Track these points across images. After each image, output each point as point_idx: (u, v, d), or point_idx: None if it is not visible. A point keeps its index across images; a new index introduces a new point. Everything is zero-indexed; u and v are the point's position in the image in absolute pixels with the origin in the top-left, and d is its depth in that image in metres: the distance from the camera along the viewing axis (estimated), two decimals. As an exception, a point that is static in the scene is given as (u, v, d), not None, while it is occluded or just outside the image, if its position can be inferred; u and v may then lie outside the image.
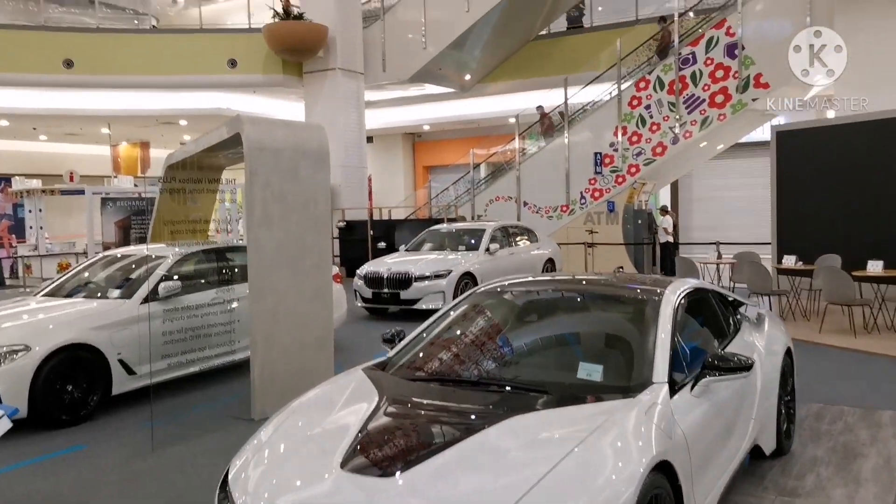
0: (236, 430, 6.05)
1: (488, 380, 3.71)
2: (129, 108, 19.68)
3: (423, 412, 3.44)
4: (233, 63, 18.38)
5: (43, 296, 7.69)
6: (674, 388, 3.34)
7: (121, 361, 6.69)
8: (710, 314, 4.46)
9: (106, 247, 16.80)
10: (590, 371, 3.51)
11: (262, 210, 6.44)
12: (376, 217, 18.17)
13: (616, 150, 16.15)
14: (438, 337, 4.28)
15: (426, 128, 24.12)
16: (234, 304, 7.39)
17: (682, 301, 3.99)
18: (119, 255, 8.25)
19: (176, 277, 7.34)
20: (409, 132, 25.23)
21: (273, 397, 6.49)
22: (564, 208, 16.78)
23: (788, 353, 5.00)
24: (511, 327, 4.41)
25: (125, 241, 16.57)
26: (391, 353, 4.25)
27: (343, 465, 2.91)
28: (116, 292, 7.24)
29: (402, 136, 25.26)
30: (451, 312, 4.46)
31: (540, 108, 18.16)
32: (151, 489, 4.84)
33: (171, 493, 4.76)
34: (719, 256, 13.26)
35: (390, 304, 11.49)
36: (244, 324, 7.27)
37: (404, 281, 11.25)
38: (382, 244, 16.45)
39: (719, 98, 14.93)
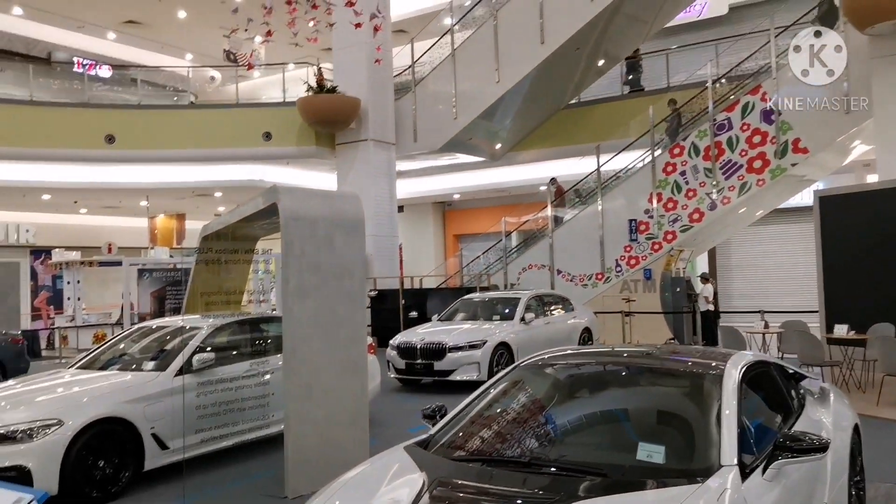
0: (267, 510, 5.83)
1: (539, 461, 3.48)
2: (167, 180, 20.08)
3: (471, 496, 3.21)
4: (267, 136, 18.75)
5: (77, 368, 7.63)
6: (744, 471, 3.09)
7: (154, 436, 6.54)
8: (773, 389, 4.20)
9: (142, 317, 16.90)
10: (650, 452, 3.27)
11: (298, 280, 6.35)
12: (407, 286, 18.07)
13: (651, 216, 15.98)
14: (482, 414, 4.07)
15: (456, 196, 24.23)
16: (268, 377, 7.27)
17: (745, 375, 3.75)
18: (154, 327, 8.20)
19: (210, 349, 7.24)
20: (440, 201, 25.36)
21: (307, 474, 6.27)
22: (600, 276, 16.54)
23: (856, 429, 4.69)
24: (558, 403, 4.19)
25: (160, 311, 16.65)
26: (433, 430, 4.04)
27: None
28: (151, 364, 7.15)
29: (432, 205, 25.38)
30: (494, 388, 4.26)
31: (553, 180, 18.29)
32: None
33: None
34: (766, 326, 12.86)
35: (424, 375, 11.25)
36: (278, 397, 7.12)
37: (438, 351, 11.03)
38: (414, 313, 16.27)
39: (757, 163, 14.77)
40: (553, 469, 3.34)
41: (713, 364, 3.85)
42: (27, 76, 20.28)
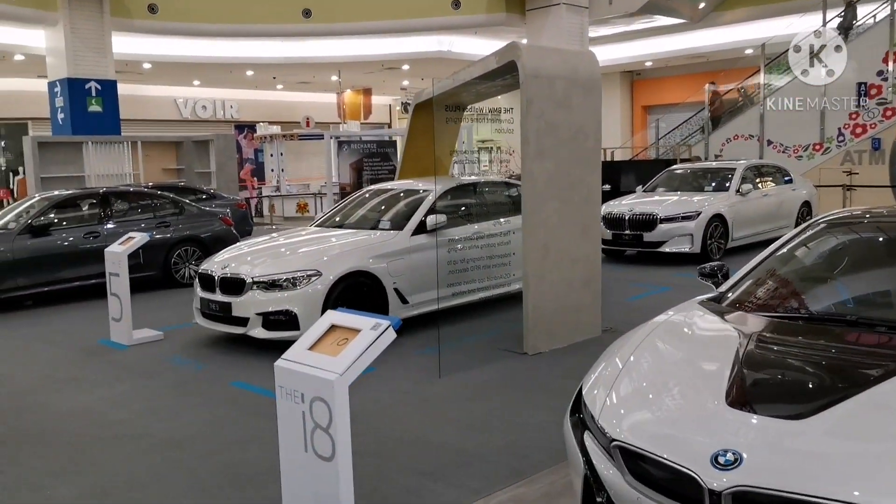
0: (512, 363, 6.04)
1: (867, 319, 3.22)
2: (358, 54, 20.45)
3: (799, 351, 3.05)
4: (456, 4, 18.36)
5: (316, 226, 8.14)
6: None
7: (396, 290, 6.90)
8: None
9: (342, 187, 17.79)
10: None
11: (537, 141, 6.24)
12: (598, 159, 17.51)
13: (885, 79, 14.17)
14: (777, 271, 3.82)
15: (648, 64, 22.81)
16: (493, 238, 7.35)
17: None
18: (385, 189, 8.50)
19: (442, 211, 7.41)
20: (628, 70, 24.02)
21: (543, 333, 6.41)
22: (817, 147, 15.11)
23: None
24: (869, 262, 3.83)
25: (359, 181, 17.37)
26: (724, 287, 3.85)
27: (730, 402, 2.62)
28: (387, 224, 7.46)
29: (619, 75, 24.13)
30: (790, 244, 3.96)
31: (713, 84, 16.73)
32: (450, 413, 4.90)
33: (469, 418, 4.78)
34: None
35: (631, 246, 11.01)
36: (497, 259, 7.23)
37: (648, 222, 10.70)
38: (607, 186, 15.79)
39: None
40: (884, 327, 3.08)
41: None
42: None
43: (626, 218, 10.87)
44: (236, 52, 19.70)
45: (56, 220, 9.44)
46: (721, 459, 2.36)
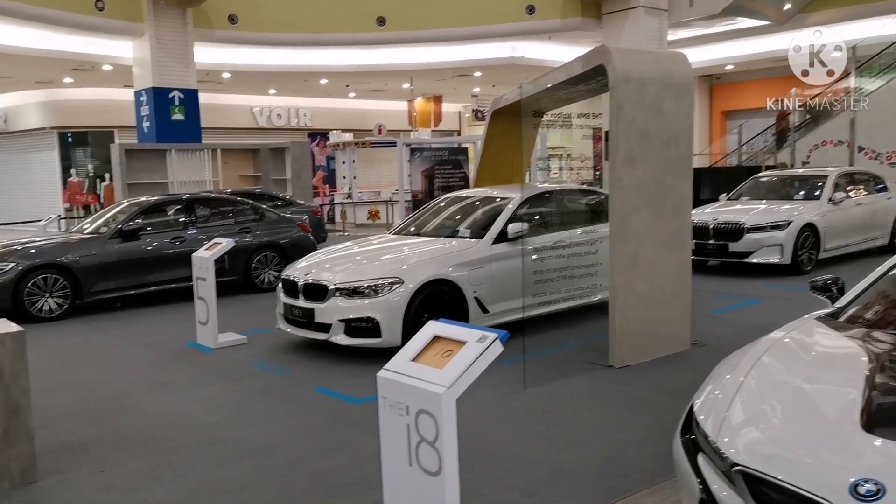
0: (599, 376, 5.87)
1: None
2: (430, 61, 20.50)
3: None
4: (531, 9, 18.20)
5: (393, 234, 8.13)
6: None
7: (476, 299, 6.81)
8: None
9: (414, 194, 17.82)
10: None
11: (627, 148, 6.05)
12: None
13: None
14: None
15: (729, 67, 22.12)
16: (578, 248, 7.18)
17: None
18: (462, 197, 8.43)
19: (522, 219, 7.29)
20: (707, 74, 23.36)
21: (630, 346, 6.20)
22: (913, 153, 14.36)
23: None
24: None
25: (430, 189, 17.36)
26: (842, 302, 3.62)
27: (865, 426, 2.42)
28: (467, 232, 7.38)
29: (697, 79, 23.48)
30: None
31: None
32: (539, 427, 4.76)
33: (559, 433, 4.64)
34: None
35: (715, 256, 10.64)
36: (582, 268, 7.06)
37: (735, 232, 10.32)
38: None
39: None
40: None
41: None
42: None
43: (711, 227, 10.51)
44: (312, 60, 20.02)
45: (144, 226, 9.72)
46: (861, 489, 2.18)
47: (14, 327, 4.09)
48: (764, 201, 11.22)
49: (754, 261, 10.21)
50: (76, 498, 3.93)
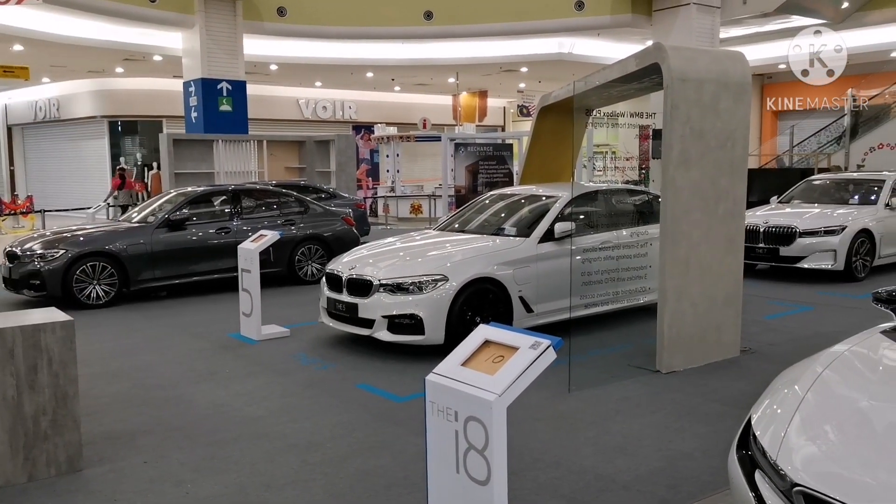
0: (646, 381, 5.74)
1: None
2: (476, 55, 20.40)
3: None
4: (580, 5, 17.97)
5: (438, 230, 8.07)
6: None
7: (521, 298, 6.72)
8: None
9: (457, 189, 17.76)
10: None
11: (681, 148, 5.89)
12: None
13: None
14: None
15: (781, 67, 21.55)
16: (627, 249, 7.03)
17: None
18: (507, 194, 8.33)
19: (569, 218, 7.17)
20: (758, 73, 22.79)
21: (679, 351, 6.06)
22: (976, 158, 13.80)
23: None
24: None
25: (474, 184, 17.28)
26: (912, 315, 3.44)
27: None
28: (513, 230, 7.28)
29: (748, 78, 22.97)
30: None
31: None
32: (586, 433, 4.66)
33: (607, 439, 4.53)
34: None
35: (765, 260, 10.36)
36: (631, 270, 6.91)
37: (787, 236, 10.03)
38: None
39: None
40: None
41: None
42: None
43: (761, 230, 10.23)
44: (358, 53, 20.08)
45: (190, 216, 9.83)
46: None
47: (63, 316, 4.14)
48: (817, 205, 10.89)
49: (806, 266, 9.92)
50: (121, 488, 3.96)
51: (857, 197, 10.90)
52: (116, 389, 5.70)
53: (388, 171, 23.01)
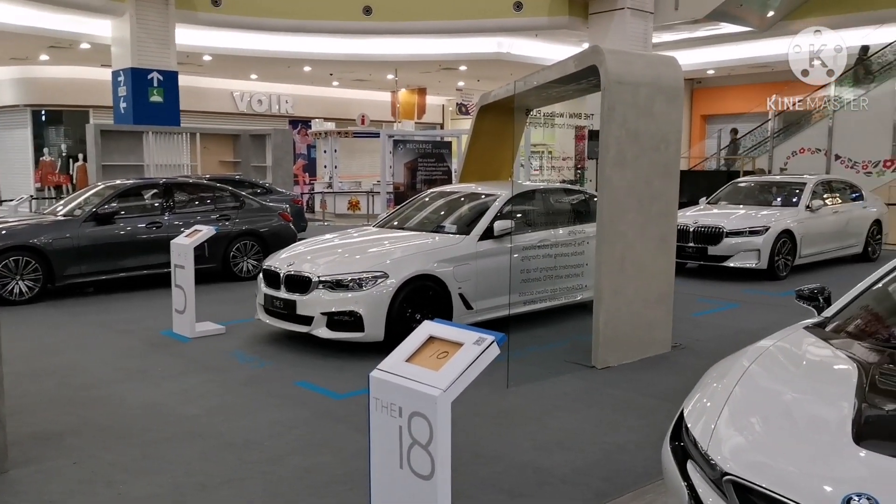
0: (582, 377, 5.86)
1: None
2: (416, 53, 20.39)
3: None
4: (518, 6, 18.18)
5: (377, 227, 8.05)
6: None
7: (461, 295, 6.76)
8: None
9: (396, 186, 17.73)
10: None
11: (617, 149, 6.04)
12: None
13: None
14: (895, 297, 3.58)
15: (710, 72, 22.31)
16: (565, 248, 7.17)
17: None
18: (447, 192, 8.37)
19: (507, 217, 7.26)
20: (688, 78, 23.53)
21: (614, 347, 6.21)
22: (888, 163, 14.57)
23: None
24: None
25: (413, 182, 17.29)
26: (830, 312, 3.63)
27: (857, 439, 2.42)
28: (453, 228, 7.32)
29: (679, 83, 23.67)
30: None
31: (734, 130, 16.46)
32: (525, 428, 4.73)
33: (545, 434, 4.61)
34: None
35: (695, 259, 10.70)
36: (569, 268, 7.06)
37: (714, 236, 10.39)
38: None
39: None
40: None
41: None
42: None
43: (691, 230, 10.57)
44: (296, 47, 19.81)
45: (119, 209, 9.53)
46: (854, 504, 2.17)
47: (-10, 312, 3.96)
48: (742, 206, 11.32)
49: (732, 265, 10.30)
50: (49, 489, 3.83)
51: (779, 199, 11.37)
52: (42, 388, 5.49)
53: (325, 166, 22.80)
